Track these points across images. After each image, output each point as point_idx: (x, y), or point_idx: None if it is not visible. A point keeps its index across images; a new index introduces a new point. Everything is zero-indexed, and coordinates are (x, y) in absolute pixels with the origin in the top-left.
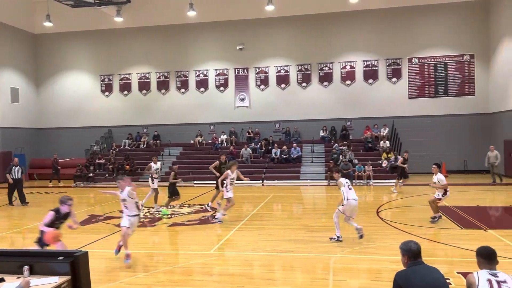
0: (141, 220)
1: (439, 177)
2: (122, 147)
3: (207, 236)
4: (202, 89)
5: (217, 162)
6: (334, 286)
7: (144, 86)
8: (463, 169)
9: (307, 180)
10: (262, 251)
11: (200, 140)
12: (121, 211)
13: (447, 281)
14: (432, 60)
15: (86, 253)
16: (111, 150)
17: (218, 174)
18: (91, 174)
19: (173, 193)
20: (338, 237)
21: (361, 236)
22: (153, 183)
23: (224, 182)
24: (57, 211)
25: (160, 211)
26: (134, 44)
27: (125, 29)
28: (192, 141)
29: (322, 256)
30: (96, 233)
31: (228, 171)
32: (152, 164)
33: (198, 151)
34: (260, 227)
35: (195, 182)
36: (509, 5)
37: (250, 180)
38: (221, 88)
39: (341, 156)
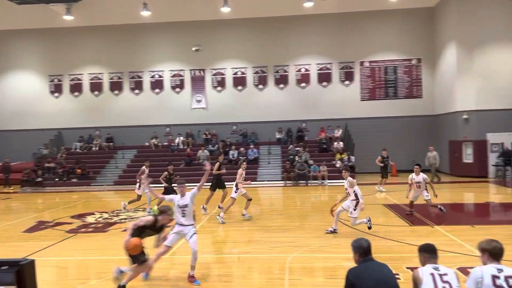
0: (94, 225)
1: (424, 176)
2: (73, 150)
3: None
4: (157, 90)
5: (217, 164)
6: (290, 286)
7: (96, 87)
8: (411, 168)
9: (264, 181)
10: (218, 253)
11: (156, 143)
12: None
13: (397, 276)
14: (383, 63)
15: (33, 261)
16: (59, 153)
17: (223, 171)
18: (39, 178)
19: (171, 192)
20: (334, 229)
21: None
22: (138, 189)
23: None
24: (155, 219)
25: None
26: (85, 44)
27: (75, 28)
28: (147, 144)
29: (278, 256)
30: (45, 240)
31: (240, 170)
32: (145, 168)
33: (154, 154)
34: (217, 229)
35: (151, 185)
36: (452, 12)
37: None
38: (177, 89)
39: (297, 157)
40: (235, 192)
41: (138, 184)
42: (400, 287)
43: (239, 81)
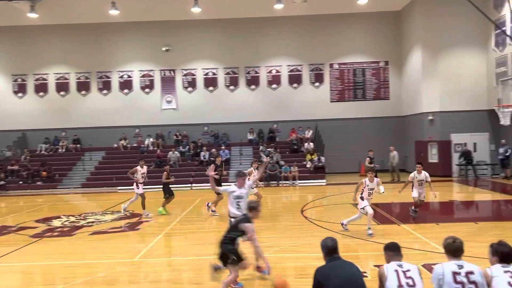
0: (60, 229)
1: (426, 174)
2: (38, 151)
3: (131, 243)
4: (126, 90)
5: (212, 166)
6: (259, 286)
7: (62, 87)
8: (380, 168)
9: (236, 182)
10: (189, 255)
11: (125, 144)
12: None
13: (364, 274)
14: (351, 65)
15: None
16: (23, 155)
17: (217, 176)
18: (2, 182)
19: (168, 193)
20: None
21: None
22: (137, 188)
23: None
24: (247, 220)
25: (149, 215)
26: (50, 42)
27: (40, 26)
28: (115, 145)
29: (249, 257)
30: (8, 245)
31: (251, 168)
32: (138, 167)
33: (123, 155)
34: (188, 231)
35: (119, 187)
36: (417, 16)
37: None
38: (147, 90)
39: (268, 157)
40: (253, 188)
41: (135, 184)
42: (366, 285)
43: (210, 82)
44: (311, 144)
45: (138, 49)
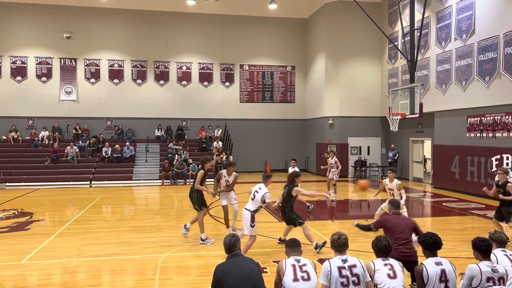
0: None
1: (397, 182)
2: None
3: (19, 244)
4: (19, 78)
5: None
6: (160, 286)
7: None
8: (284, 168)
9: (140, 180)
10: (85, 256)
11: (16, 136)
12: None
13: (265, 269)
14: (261, 68)
15: None
16: None
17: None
18: None
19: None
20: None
21: None
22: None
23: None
24: None
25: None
26: None
27: None
28: (4, 137)
29: (150, 257)
30: None
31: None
32: (224, 172)
33: (12, 149)
34: (85, 231)
35: (7, 184)
36: (322, 26)
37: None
38: (43, 79)
39: (176, 155)
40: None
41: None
42: (264, 280)
43: (116, 74)
44: (220, 143)
45: (35, 33)
